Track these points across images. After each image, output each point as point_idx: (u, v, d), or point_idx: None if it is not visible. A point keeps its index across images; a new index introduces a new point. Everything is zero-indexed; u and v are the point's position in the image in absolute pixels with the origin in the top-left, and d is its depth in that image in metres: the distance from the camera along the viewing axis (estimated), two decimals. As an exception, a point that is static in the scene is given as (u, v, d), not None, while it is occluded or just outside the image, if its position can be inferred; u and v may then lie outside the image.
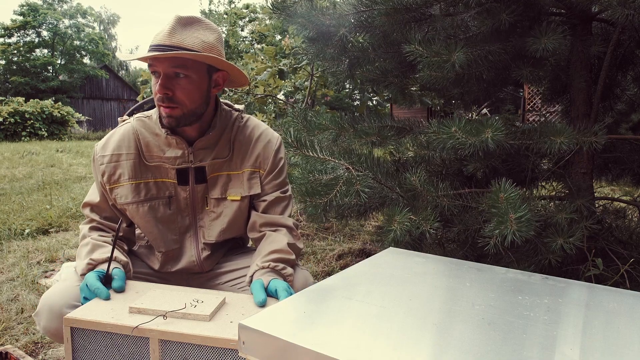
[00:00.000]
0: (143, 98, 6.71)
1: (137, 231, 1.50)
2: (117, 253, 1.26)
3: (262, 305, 1.08)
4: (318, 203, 1.85)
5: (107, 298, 1.11)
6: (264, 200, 1.39)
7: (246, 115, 1.46)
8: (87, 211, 1.41)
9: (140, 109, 1.55)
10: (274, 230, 1.37)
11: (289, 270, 1.27)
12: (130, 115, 1.52)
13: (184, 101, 1.26)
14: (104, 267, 1.22)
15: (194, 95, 1.27)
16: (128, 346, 0.97)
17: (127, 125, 1.40)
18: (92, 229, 1.38)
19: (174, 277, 1.46)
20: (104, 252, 1.26)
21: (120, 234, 1.39)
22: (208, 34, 1.26)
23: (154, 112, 1.37)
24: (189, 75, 1.24)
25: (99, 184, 1.38)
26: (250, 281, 1.22)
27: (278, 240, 1.33)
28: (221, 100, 1.44)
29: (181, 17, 1.24)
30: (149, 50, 1.23)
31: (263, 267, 1.24)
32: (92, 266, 1.22)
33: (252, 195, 1.39)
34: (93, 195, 1.40)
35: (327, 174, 1.90)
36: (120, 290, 1.15)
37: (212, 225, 1.39)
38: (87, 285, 1.14)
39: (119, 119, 1.48)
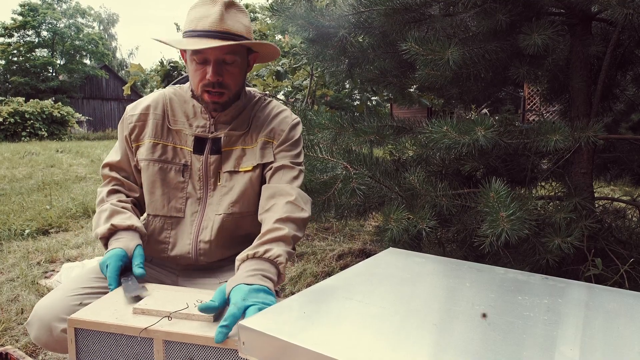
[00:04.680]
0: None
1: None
2: (137, 222, 1.31)
3: (207, 311, 0.98)
4: (317, 201, 1.85)
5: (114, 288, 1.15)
6: (271, 168, 1.36)
7: (269, 98, 1.49)
8: (106, 170, 1.44)
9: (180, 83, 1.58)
10: (271, 207, 1.28)
11: (275, 251, 1.14)
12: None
13: (231, 85, 1.31)
14: (125, 236, 1.26)
15: (239, 78, 1.33)
16: (132, 347, 0.97)
17: (159, 91, 1.46)
18: (110, 192, 1.40)
19: (164, 271, 1.42)
20: (125, 218, 1.30)
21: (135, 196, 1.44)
22: (243, 16, 1.31)
23: (187, 84, 1.43)
24: (236, 60, 1.30)
25: (123, 142, 1.42)
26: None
27: (268, 218, 1.25)
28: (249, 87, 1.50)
29: (224, 2, 1.26)
30: (200, 36, 1.24)
31: (247, 258, 1.14)
32: (112, 231, 1.27)
33: (265, 164, 1.37)
34: (114, 155, 1.45)
35: (326, 173, 1.90)
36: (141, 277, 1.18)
37: (222, 200, 1.37)
38: (106, 268, 1.18)
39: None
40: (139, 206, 1.45)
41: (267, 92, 1.50)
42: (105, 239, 1.27)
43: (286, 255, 1.17)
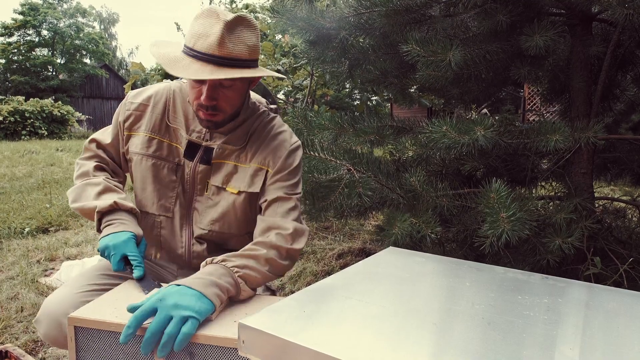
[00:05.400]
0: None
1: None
2: (134, 206, 1.30)
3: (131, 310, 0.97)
4: (320, 206, 1.84)
5: (140, 277, 1.15)
6: (265, 200, 1.30)
7: (274, 114, 1.41)
8: (92, 146, 1.41)
9: None
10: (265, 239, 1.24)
11: (236, 262, 1.11)
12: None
13: (226, 108, 1.25)
14: (128, 220, 1.24)
15: (236, 101, 1.27)
16: (132, 345, 0.97)
17: (165, 84, 1.41)
18: (97, 167, 1.38)
19: (164, 270, 1.42)
20: (123, 198, 1.28)
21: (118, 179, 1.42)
22: (250, 34, 1.20)
23: None
24: (235, 84, 1.23)
25: (116, 125, 1.38)
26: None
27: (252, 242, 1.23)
28: (258, 96, 1.44)
29: (227, 22, 1.14)
30: (196, 57, 1.16)
31: (207, 263, 1.12)
32: (113, 208, 1.24)
33: (252, 193, 1.30)
34: (105, 135, 1.42)
35: (327, 174, 1.90)
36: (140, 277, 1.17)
37: (205, 211, 1.33)
38: (125, 252, 1.16)
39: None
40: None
41: (273, 107, 1.42)
42: (102, 214, 1.24)
43: (249, 271, 1.11)
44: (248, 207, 1.33)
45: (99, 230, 1.24)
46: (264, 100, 1.48)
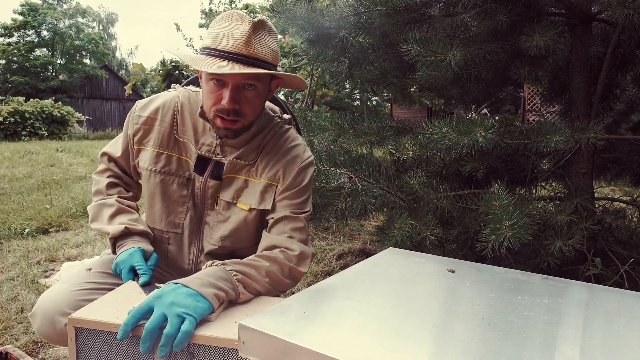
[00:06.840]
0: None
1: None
2: (147, 228, 1.32)
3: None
4: (323, 215, 1.84)
5: (146, 283, 1.15)
6: (272, 218, 1.27)
7: (287, 126, 1.37)
8: (105, 159, 1.42)
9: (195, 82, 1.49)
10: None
11: (236, 267, 1.11)
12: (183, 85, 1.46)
13: (248, 114, 1.21)
14: (140, 240, 1.26)
15: (257, 106, 1.23)
16: (133, 346, 0.97)
17: (173, 93, 1.37)
18: (110, 185, 1.38)
19: (169, 276, 1.42)
20: (134, 220, 1.30)
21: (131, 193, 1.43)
22: (272, 39, 1.19)
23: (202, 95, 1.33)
24: (257, 87, 1.19)
25: (126, 137, 1.37)
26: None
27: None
28: (271, 104, 1.42)
29: (253, 22, 1.13)
30: (221, 57, 1.13)
31: (207, 266, 1.12)
32: (125, 233, 1.26)
33: (262, 210, 1.28)
34: (115, 147, 1.41)
35: (329, 183, 1.89)
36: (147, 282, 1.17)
37: (216, 226, 1.31)
38: (132, 264, 1.18)
39: (172, 85, 1.44)
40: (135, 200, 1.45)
41: (287, 117, 1.38)
42: (115, 239, 1.27)
43: (248, 277, 1.10)
44: (259, 222, 1.32)
45: (114, 253, 1.27)
46: (277, 108, 1.44)
